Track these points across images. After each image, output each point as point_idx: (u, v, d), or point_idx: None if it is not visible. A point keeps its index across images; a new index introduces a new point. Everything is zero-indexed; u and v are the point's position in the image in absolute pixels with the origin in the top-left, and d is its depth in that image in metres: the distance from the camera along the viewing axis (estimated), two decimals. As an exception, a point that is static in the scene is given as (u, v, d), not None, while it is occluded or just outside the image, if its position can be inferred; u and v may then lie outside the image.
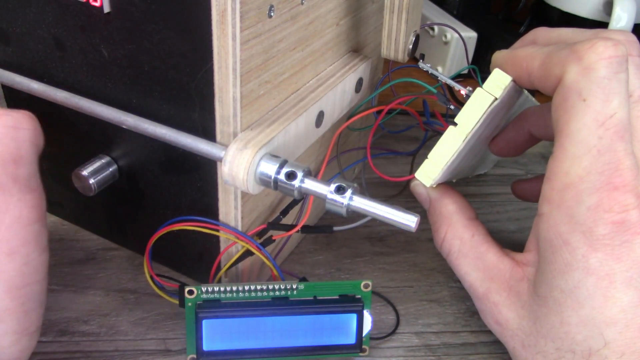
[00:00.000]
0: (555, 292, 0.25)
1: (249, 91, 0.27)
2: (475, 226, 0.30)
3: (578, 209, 0.24)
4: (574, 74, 0.24)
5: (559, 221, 0.24)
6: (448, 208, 0.30)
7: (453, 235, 0.30)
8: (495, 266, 0.28)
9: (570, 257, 0.24)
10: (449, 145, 0.28)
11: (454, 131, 0.28)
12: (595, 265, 0.24)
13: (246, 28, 0.24)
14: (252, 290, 0.28)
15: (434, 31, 0.59)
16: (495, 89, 0.27)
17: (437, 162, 0.28)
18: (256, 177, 0.27)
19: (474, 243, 0.29)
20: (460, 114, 0.28)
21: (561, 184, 0.24)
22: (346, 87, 0.34)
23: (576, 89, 0.24)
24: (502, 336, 0.28)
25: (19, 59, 0.32)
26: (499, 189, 0.45)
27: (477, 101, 0.27)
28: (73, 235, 0.37)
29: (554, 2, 0.58)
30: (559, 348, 0.25)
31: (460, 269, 0.29)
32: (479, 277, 0.28)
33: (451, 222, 0.30)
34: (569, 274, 0.24)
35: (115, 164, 0.33)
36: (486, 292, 0.28)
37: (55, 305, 0.32)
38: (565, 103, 0.24)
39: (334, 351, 0.29)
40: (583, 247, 0.24)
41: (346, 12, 0.33)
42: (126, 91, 0.29)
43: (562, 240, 0.24)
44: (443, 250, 0.30)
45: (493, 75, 0.28)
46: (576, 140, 0.24)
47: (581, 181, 0.24)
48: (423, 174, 0.29)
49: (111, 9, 0.27)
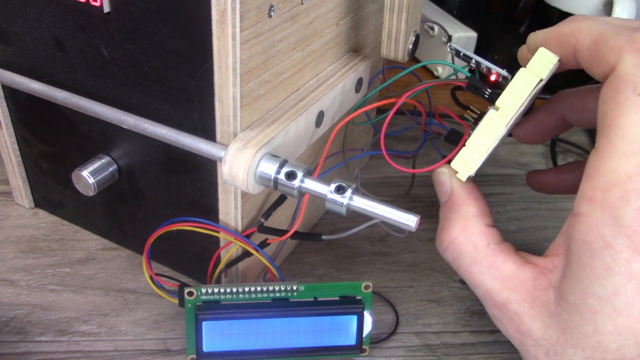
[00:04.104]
0: (591, 300, 0.23)
1: (249, 91, 0.26)
2: (491, 234, 0.27)
3: (624, 210, 0.22)
4: (630, 65, 0.22)
5: (601, 222, 0.23)
6: (468, 210, 0.27)
7: (467, 239, 0.27)
8: (515, 276, 0.26)
9: (611, 261, 0.22)
10: (491, 130, 0.26)
11: (496, 115, 0.26)
12: (638, 270, 0.22)
13: (246, 28, 0.24)
14: (252, 291, 0.28)
15: (434, 31, 0.59)
16: (542, 69, 0.25)
17: (478, 150, 0.26)
18: (256, 177, 0.27)
19: (489, 252, 0.27)
20: (502, 97, 0.26)
21: (606, 182, 0.23)
22: (346, 87, 0.34)
23: (632, 82, 0.22)
24: (522, 345, 0.26)
25: (19, 59, 0.32)
26: (499, 189, 0.45)
27: (522, 82, 0.25)
28: (73, 235, 0.37)
29: (554, 2, 0.58)
30: (589, 357, 0.24)
31: (472, 277, 0.27)
32: (495, 287, 0.26)
33: (467, 225, 0.27)
34: (608, 279, 0.22)
35: (115, 164, 0.33)
36: (505, 302, 0.26)
37: (55, 305, 0.32)
38: (618, 95, 0.23)
39: (333, 352, 0.29)
40: (627, 250, 0.22)
41: (346, 12, 0.33)
42: (126, 91, 0.29)
43: (604, 242, 0.23)
44: (449, 253, 0.28)
45: (539, 54, 0.26)
46: (627, 137, 0.22)
47: (630, 181, 0.22)
48: (462, 163, 0.26)
49: (111, 9, 0.27)
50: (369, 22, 0.37)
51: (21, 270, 0.34)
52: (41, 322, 0.31)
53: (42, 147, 0.35)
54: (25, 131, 0.36)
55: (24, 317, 0.32)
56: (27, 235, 0.37)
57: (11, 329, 0.31)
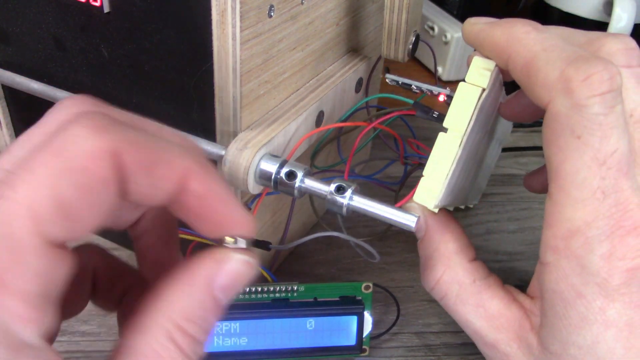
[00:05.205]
0: (572, 349, 0.23)
1: (249, 91, 0.26)
2: (476, 269, 0.26)
3: (589, 258, 0.22)
4: (563, 108, 0.21)
5: (569, 272, 0.22)
6: (448, 246, 0.26)
7: (451, 279, 0.26)
8: (502, 314, 0.25)
9: (586, 310, 0.22)
10: (445, 154, 0.24)
11: (446, 137, 0.24)
12: (614, 316, 0.22)
13: (246, 28, 0.24)
14: (252, 291, 0.28)
15: (434, 31, 0.59)
16: (481, 79, 0.24)
17: (436, 177, 0.24)
18: (256, 177, 0.27)
19: (476, 289, 0.26)
20: (447, 117, 0.24)
21: (566, 230, 0.22)
22: (346, 87, 0.34)
23: (568, 125, 0.21)
24: None
25: (19, 59, 0.32)
26: (499, 189, 0.45)
27: (464, 97, 0.24)
28: (73, 235, 0.37)
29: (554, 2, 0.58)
30: None
31: (460, 317, 0.26)
32: (483, 327, 0.26)
33: (450, 263, 0.26)
34: (586, 329, 0.22)
35: (115, 164, 0.32)
36: (494, 343, 0.25)
37: (55, 305, 0.32)
38: (558, 140, 0.22)
39: (333, 352, 0.29)
40: (599, 299, 0.22)
41: (346, 12, 0.33)
42: (126, 91, 0.29)
43: (576, 292, 0.22)
44: (436, 292, 0.27)
45: (473, 64, 0.25)
46: (577, 183, 0.22)
47: (588, 228, 0.22)
48: (423, 194, 0.25)
49: (111, 9, 0.27)
50: (369, 22, 0.37)
51: (21, 270, 0.34)
52: (41, 322, 0.31)
53: (42, 147, 0.35)
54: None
55: (24, 317, 0.32)
56: (27, 235, 0.37)
57: (11, 329, 0.31)
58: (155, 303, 0.17)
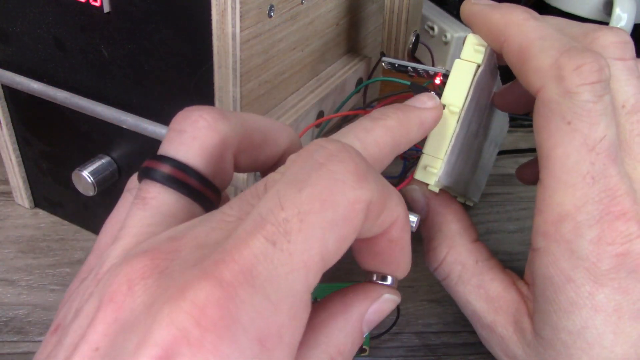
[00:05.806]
0: (563, 335, 0.23)
1: (249, 91, 0.27)
2: (478, 250, 0.27)
3: (579, 243, 0.22)
4: (554, 94, 0.22)
5: (559, 257, 0.23)
6: (451, 227, 0.27)
7: (454, 259, 0.27)
8: (501, 297, 0.26)
9: (575, 295, 0.22)
10: (444, 130, 0.24)
11: (444, 113, 0.25)
12: (603, 301, 0.22)
13: (246, 28, 0.24)
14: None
15: (434, 31, 0.59)
16: (475, 55, 0.25)
17: (436, 154, 0.25)
18: (256, 177, 0.27)
19: (477, 270, 0.26)
20: (445, 92, 0.25)
21: (556, 215, 0.23)
22: (346, 87, 0.34)
23: (559, 111, 0.22)
24: None
25: (19, 59, 0.32)
26: (499, 189, 0.45)
27: (459, 73, 0.25)
28: (73, 235, 0.37)
29: (554, 2, 0.58)
30: None
31: (460, 297, 0.27)
32: (483, 308, 0.26)
33: (453, 244, 0.27)
34: (575, 313, 0.23)
35: (115, 164, 0.33)
36: (492, 325, 0.26)
37: (55, 305, 0.32)
38: (549, 125, 0.22)
39: (334, 351, 0.29)
40: (588, 283, 0.22)
41: (346, 12, 0.33)
42: (126, 91, 0.29)
43: (565, 277, 0.22)
44: (439, 273, 0.27)
45: (468, 41, 0.25)
46: (567, 167, 0.22)
47: (578, 212, 0.22)
48: (423, 171, 0.25)
49: (111, 9, 0.27)
50: (368, 22, 0.37)
51: (21, 270, 0.34)
52: (41, 322, 0.31)
53: (42, 147, 0.35)
54: (25, 131, 0.36)
55: (24, 317, 0.32)
56: (27, 235, 0.37)
57: (11, 329, 0.31)
58: (315, 337, 0.19)
